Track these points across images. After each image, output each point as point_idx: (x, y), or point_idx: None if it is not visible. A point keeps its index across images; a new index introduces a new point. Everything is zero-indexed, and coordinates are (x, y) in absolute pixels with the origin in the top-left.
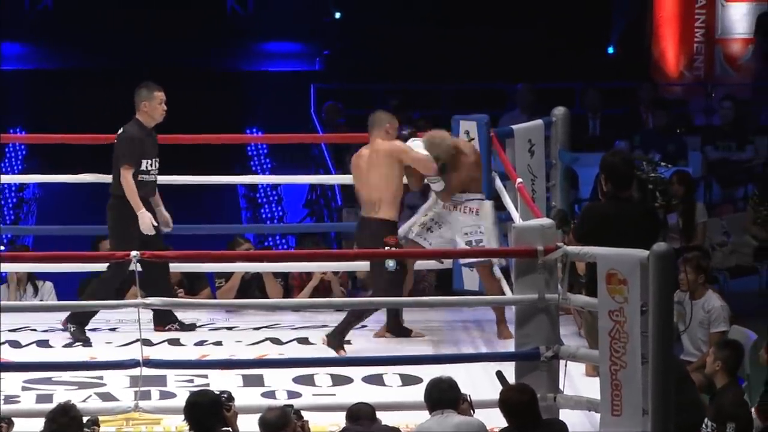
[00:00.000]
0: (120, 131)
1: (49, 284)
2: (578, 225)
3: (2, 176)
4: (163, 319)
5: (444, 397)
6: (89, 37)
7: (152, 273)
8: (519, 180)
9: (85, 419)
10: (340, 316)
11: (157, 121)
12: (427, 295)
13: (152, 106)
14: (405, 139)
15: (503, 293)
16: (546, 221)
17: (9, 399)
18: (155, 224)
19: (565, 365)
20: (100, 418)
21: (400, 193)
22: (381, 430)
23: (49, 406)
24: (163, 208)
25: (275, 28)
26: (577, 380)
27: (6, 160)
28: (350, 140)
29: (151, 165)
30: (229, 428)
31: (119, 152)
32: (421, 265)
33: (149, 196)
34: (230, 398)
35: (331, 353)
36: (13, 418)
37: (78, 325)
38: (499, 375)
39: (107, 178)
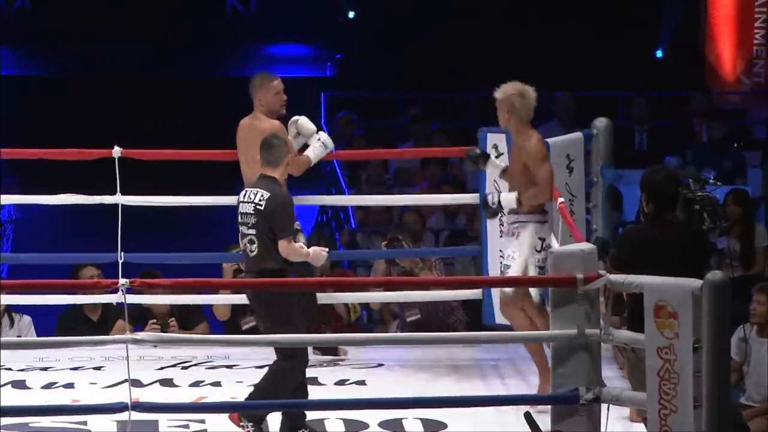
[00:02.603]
0: (263, 196)
1: (27, 318)
2: (615, 250)
3: None
4: None
5: None
6: (72, 41)
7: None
8: (561, 199)
9: None
10: (352, 353)
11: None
12: (456, 330)
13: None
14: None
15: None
16: (587, 246)
17: None
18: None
19: (608, 409)
20: None
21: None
22: None
23: None
24: None
25: (281, 29)
26: (621, 426)
27: None
28: (366, 156)
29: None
30: None
31: (282, 222)
32: (449, 296)
33: None
34: None
35: (344, 395)
36: None
37: (255, 425)
38: (528, 417)
39: (91, 200)
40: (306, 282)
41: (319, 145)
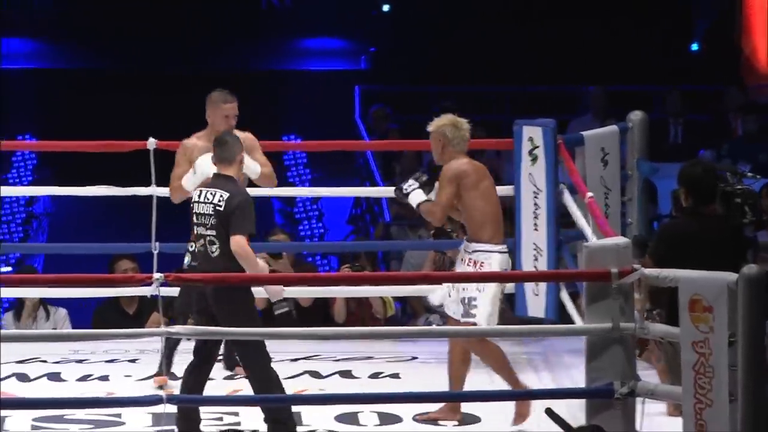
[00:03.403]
0: (222, 196)
1: (62, 311)
2: (654, 245)
3: (9, 188)
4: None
5: None
6: (107, 34)
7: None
8: (589, 194)
9: None
10: (386, 346)
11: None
12: None
13: (243, 158)
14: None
15: (503, 360)
16: (621, 240)
17: None
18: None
19: (643, 403)
20: None
21: None
22: None
23: None
24: None
25: (316, 23)
26: (656, 420)
27: (13, 170)
28: (400, 148)
29: None
30: None
31: (239, 219)
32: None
33: None
34: None
35: (378, 388)
36: None
37: None
38: (550, 413)
39: (126, 191)
40: (351, 276)
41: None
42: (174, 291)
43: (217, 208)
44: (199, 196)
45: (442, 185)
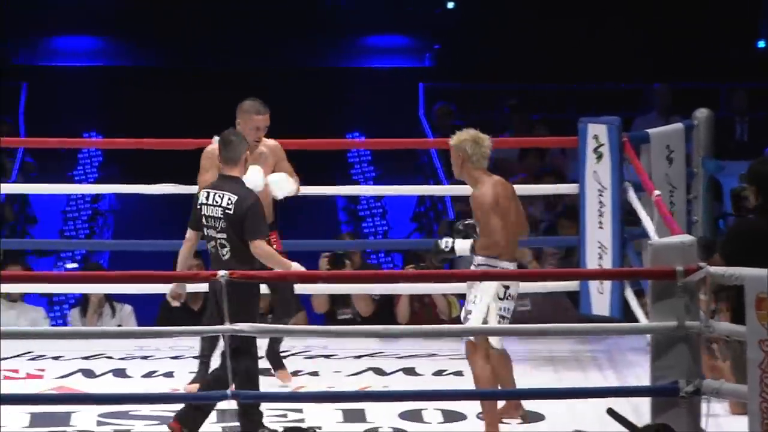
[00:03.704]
0: (232, 198)
1: (128, 308)
2: (724, 243)
3: (75, 186)
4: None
5: None
6: (169, 31)
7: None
8: (657, 192)
9: None
10: (450, 344)
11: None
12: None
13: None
14: None
15: (492, 384)
16: (687, 238)
17: None
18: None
19: (708, 402)
20: None
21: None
22: None
23: None
24: None
25: (379, 20)
26: (722, 419)
27: (79, 168)
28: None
29: None
30: None
31: (254, 224)
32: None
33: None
34: None
35: (442, 385)
36: None
37: None
38: (611, 412)
39: (191, 189)
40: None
41: None
42: None
43: (227, 211)
44: (207, 198)
45: (485, 213)
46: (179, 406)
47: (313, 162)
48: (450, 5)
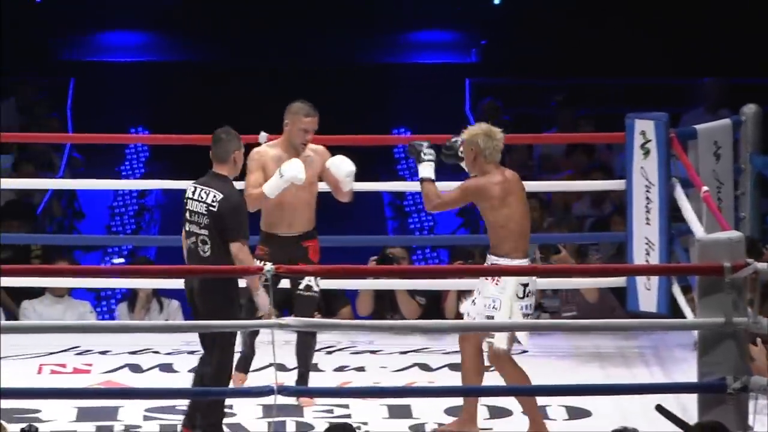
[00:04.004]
0: (219, 195)
1: (175, 303)
2: None
3: (122, 181)
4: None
5: None
6: (216, 27)
7: None
8: (704, 188)
9: None
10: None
11: (236, 175)
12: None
13: (241, 158)
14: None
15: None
16: (734, 234)
17: (130, 429)
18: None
19: (756, 399)
20: None
21: (267, 206)
22: None
23: None
24: None
25: (425, 16)
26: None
27: (126, 163)
28: (510, 141)
29: None
30: None
31: (236, 224)
32: (591, 283)
33: None
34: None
35: (488, 381)
36: None
37: None
38: (661, 409)
39: (236, 185)
40: (464, 268)
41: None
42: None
43: (211, 208)
44: (193, 194)
45: (458, 188)
46: (226, 401)
47: (359, 158)
48: (496, 0)
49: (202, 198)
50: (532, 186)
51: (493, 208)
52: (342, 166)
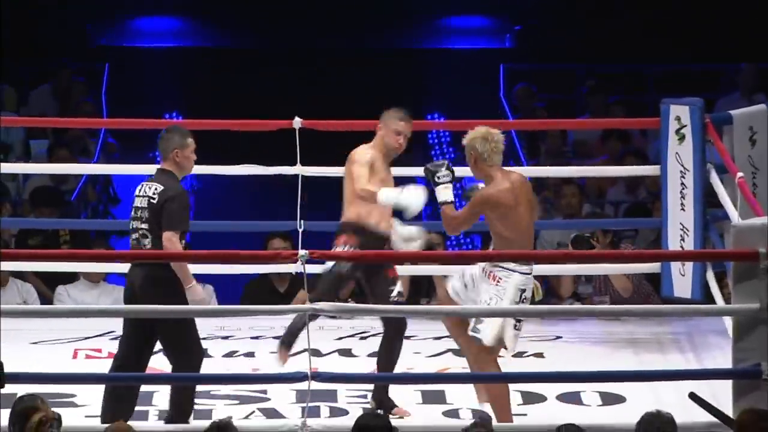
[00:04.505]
0: (160, 188)
1: (209, 288)
2: None
3: (156, 166)
4: None
5: None
6: (251, 12)
7: None
8: (740, 174)
9: None
10: (531, 326)
11: (186, 173)
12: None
13: (185, 156)
14: None
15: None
16: None
17: (163, 413)
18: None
19: None
20: None
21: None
22: None
23: (208, 423)
24: None
25: (460, 1)
26: None
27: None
28: (544, 127)
29: None
30: None
31: (170, 215)
32: (626, 269)
33: None
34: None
35: (522, 367)
36: None
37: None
38: (694, 397)
39: (271, 170)
40: (493, 254)
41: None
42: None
43: (151, 200)
44: (139, 190)
45: (470, 203)
46: (259, 386)
47: None
48: None
49: (145, 192)
50: (566, 171)
51: (502, 217)
52: (404, 233)
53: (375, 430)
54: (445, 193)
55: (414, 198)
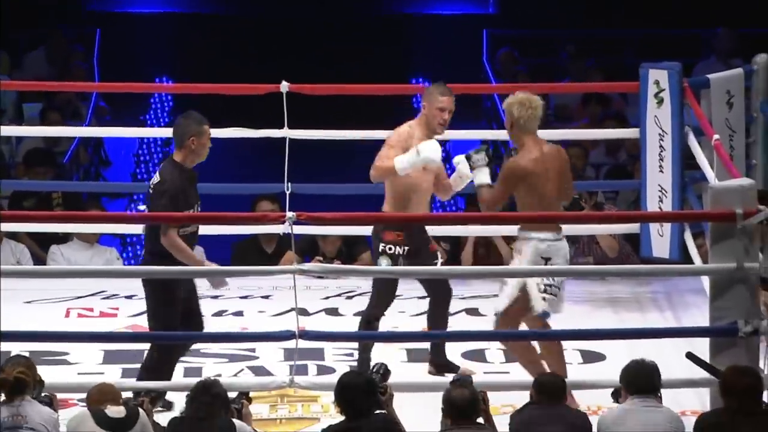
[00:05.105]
0: (156, 179)
1: (199, 249)
2: None
3: (147, 129)
4: None
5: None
6: None
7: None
8: (716, 136)
9: (233, 394)
10: None
11: (201, 160)
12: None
13: (201, 143)
14: None
15: (537, 361)
16: (746, 181)
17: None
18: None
19: (767, 343)
20: (253, 394)
21: (399, 188)
22: (565, 410)
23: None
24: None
25: None
26: None
27: (151, 112)
28: (527, 91)
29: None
30: (384, 411)
31: (157, 210)
32: (605, 230)
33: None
34: (386, 374)
35: None
36: (160, 393)
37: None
38: (691, 356)
39: (259, 133)
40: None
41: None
42: (306, 230)
43: (150, 189)
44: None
45: (499, 179)
46: (248, 345)
47: (379, 107)
48: None
49: (152, 181)
50: (546, 134)
51: (529, 187)
52: (464, 167)
53: (357, 387)
54: (480, 177)
55: (430, 150)
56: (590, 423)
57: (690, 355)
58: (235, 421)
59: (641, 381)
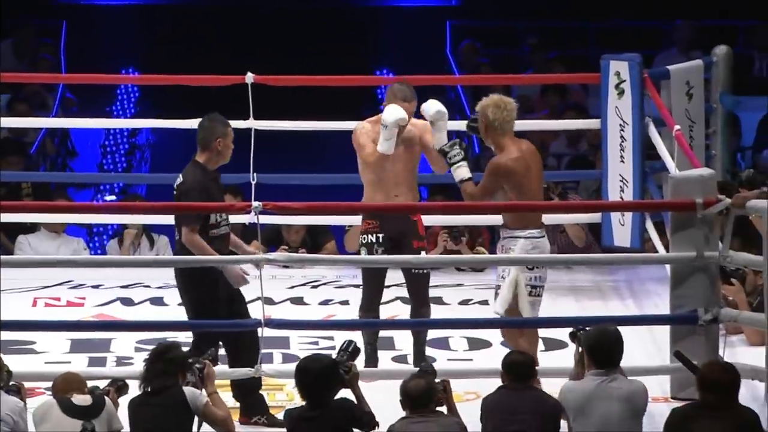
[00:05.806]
0: (179, 180)
1: (164, 238)
2: None
3: (113, 120)
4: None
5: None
6: None
7: None
8: (677, 127)
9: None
10: (477, 276)
11: (225, 162)
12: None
13: (226, 144)
14: None
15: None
16: (706, 171)
17: (122, 360)
18: (247, 274)
19: (725, 335)
20: (217, 382)
21: (366, 176)
22: (535, 392)
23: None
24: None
25: None
26: (738, 348)
27: (117, 103)
28: (489, 82)
29: (220, 216)
30: (346, 397)
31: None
32: (568, 219)
33: (224, 252)
34: (354, 352)
35: (468, 314)
36: (126, 381)
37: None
38: (679, 356)
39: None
40: (442, 206)
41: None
42: (271, 219)
43: (174, 191)
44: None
45: (485, 176)
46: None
47: (343, 98)
48: None
49: (175, 183)
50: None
51: (514, 186)
52: (430, 107)
53: (314, 371)
54: (460, 172)
55: (391, 113)
56: (560, 405)
57: (678, 354)
58: (187, 390)
59: (603, 354)
